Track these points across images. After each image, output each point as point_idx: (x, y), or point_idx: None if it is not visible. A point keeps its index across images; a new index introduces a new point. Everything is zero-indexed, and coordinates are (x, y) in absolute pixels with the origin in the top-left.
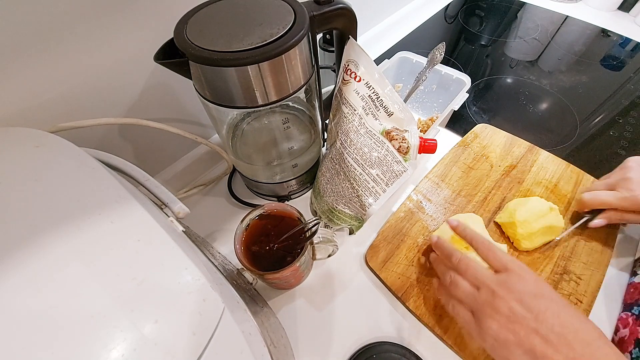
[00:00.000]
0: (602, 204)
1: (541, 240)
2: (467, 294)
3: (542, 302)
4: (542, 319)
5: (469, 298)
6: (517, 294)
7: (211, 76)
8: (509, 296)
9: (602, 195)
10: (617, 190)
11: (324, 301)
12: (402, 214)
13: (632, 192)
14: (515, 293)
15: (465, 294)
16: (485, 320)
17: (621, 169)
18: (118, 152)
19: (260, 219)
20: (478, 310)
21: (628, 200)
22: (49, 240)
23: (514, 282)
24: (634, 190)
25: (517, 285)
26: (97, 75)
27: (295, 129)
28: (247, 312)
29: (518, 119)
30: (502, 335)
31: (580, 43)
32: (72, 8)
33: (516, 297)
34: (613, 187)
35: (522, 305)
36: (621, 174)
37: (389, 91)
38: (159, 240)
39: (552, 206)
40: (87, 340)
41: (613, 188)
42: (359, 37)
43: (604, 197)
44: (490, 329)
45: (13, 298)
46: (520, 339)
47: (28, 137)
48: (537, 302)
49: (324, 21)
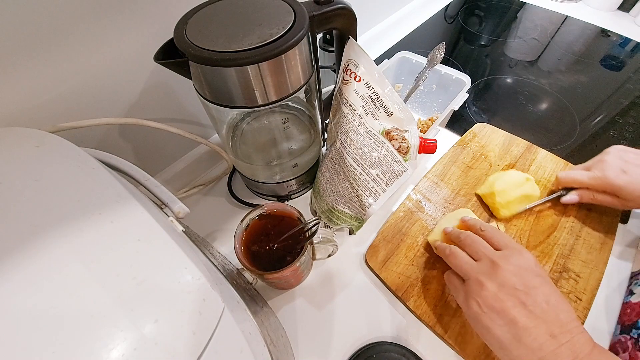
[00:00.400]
0: (574, 182)
1: (518, 208)
2: (465, 262)
3: (537, 280)
4: (533, 294)
5: (466, 266)
6: (516, 267)
7: (211, 76)
8: (508, 267)
9: (575, 174)
10: (591, 171)
11: (324, 301)
12: (401, 213)
13: (602, 172)
14: (514, 266)
15: (462, 262)
16: (476, 287)
17: (601, 154)
18: (118, 152)
19: (260, 218)
20: (472, 278)
21: (598, 179)
22: (49, 240)
23: (515, 257)
24: (605, 170)
25: (518, 260)
26: (97, 75)
27: (295, 129)
28: (247, 312)
29: (518, 119)
30: (489, 302)
31: (580, 43)
32: (72, 8)
33: (514, 270)
34: (589, 169)
35: (518, 277)
36: (599, 157)
37: (389, 91)
38: (159, 240)
39: (529, 177)
40: (87, 340)
41: (589, 170)
42: (359, 37)
43: (576, 176)
44: (479, 296)
45: (13, 298)
46: (505, 308)
47: (28, 137)
48: (533, 279)
49: (323, 21)
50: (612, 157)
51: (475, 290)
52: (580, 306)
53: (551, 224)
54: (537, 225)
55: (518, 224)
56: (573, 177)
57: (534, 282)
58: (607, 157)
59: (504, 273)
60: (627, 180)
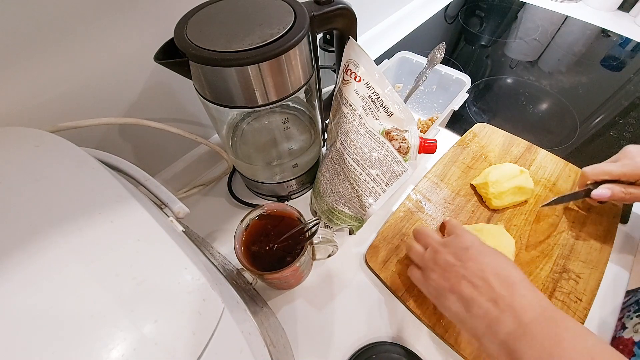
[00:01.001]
0: (604, 174)
1: (510, 200)
2: (417, 254)
3: (470, 252)
4: (468, 266)
5: (418, 257)
6: (452, 249)
7: (211, 76)
8: (445, 250)
9: (603, 165)
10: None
11: (324, 301)
12: (401, 213)
13: (633, 159)
14: (451, 248)
15: (415, 254)
16: (428, 273)
17: (619, 153)
18: (118, 152)
19: (260, 219)
20: (424, 266)
21: (629, 166)
22: (49, 240)
23: (452, 241)
24: (634, 157)
25: (453, 242)
26: (97, 75)
27: (295, 129)
28: (247, 312)
29: (518, 119)
30: (440, 283)
31: (580, 43)
32: (72, 8)
33: (451, 251)
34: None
35: (454, 256)
36: (620, 154)
37: (389, 91)
38: (159, 240)
39: (523, 169)
40: (87, 340)
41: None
42: (359, 37)
43: (606, 167)
44: (431, 280)
45: (13, 298)
46: (452, 285)
47: (28, 137)
48: (465, 253)
49: (324, 21)
50: (635, 148)
51: (428, 277)
52: (580, 307)
53: (551, 224)
54: (537, 225)
55: (518, 224)
56: (602, 169)
57: (468, 255)
58: (631, 148)
59: (443, 256)
60: None
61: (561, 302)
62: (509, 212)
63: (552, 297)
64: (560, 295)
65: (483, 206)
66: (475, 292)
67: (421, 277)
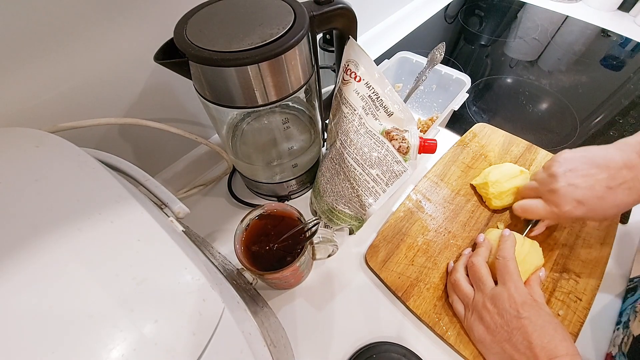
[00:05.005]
0: (533, 216)
1: (510, 200)
2: (465, 294)
3: (520, 322)
4: (513, 334)
5: (465, 298)
6: (500, 310)
7: (211, 76)
8: (494, 310)
9: (532, 208)
10: (545, 203)
11: (324, 301)
12: (401, 213)
13: (558, 208)
14: (499, 309)
15: (463, 294)
16: (473, 319)
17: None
18: (118, 152)
19: (260, 219)
20: (469, 309)
21: (555, 214)
22: (49, 240)
23: (503, 298)
24: (560, 205)
25: (504, 303)
26: (97, 75)
27: (295, 129)
28: (247, 312)
29: (518, 119)
30: (482, 335)
31: (580, 43)
32: (72, 8)
33: (499, 312)
34: (540, 193)
35: (502, 319)
36: (548, 183)
37: (389, 91)
38: (159, 240)
39: (523, 170)
40: (87, 340)
41: (540, 194)
42: (359, 37)
43: (534, 210)
44: (475, 326)
45: (13, 298)
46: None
47: (28, 137)
48: (515, 321)
49: (324, 21)
50: (562, 182)
51: (472, 324)
52: (580, 306)
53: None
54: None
55: (518, 224)
56: (532, 212)
57: (516, 324)
58: (557, 184)
59: (491, 316)
60: (584, 211)
61: (561, 302)
62: (509, 212)
63: (552, 296)
64: (560, 295)
65: (483, 206)
66: (516, 355)
67: (463, 315)
